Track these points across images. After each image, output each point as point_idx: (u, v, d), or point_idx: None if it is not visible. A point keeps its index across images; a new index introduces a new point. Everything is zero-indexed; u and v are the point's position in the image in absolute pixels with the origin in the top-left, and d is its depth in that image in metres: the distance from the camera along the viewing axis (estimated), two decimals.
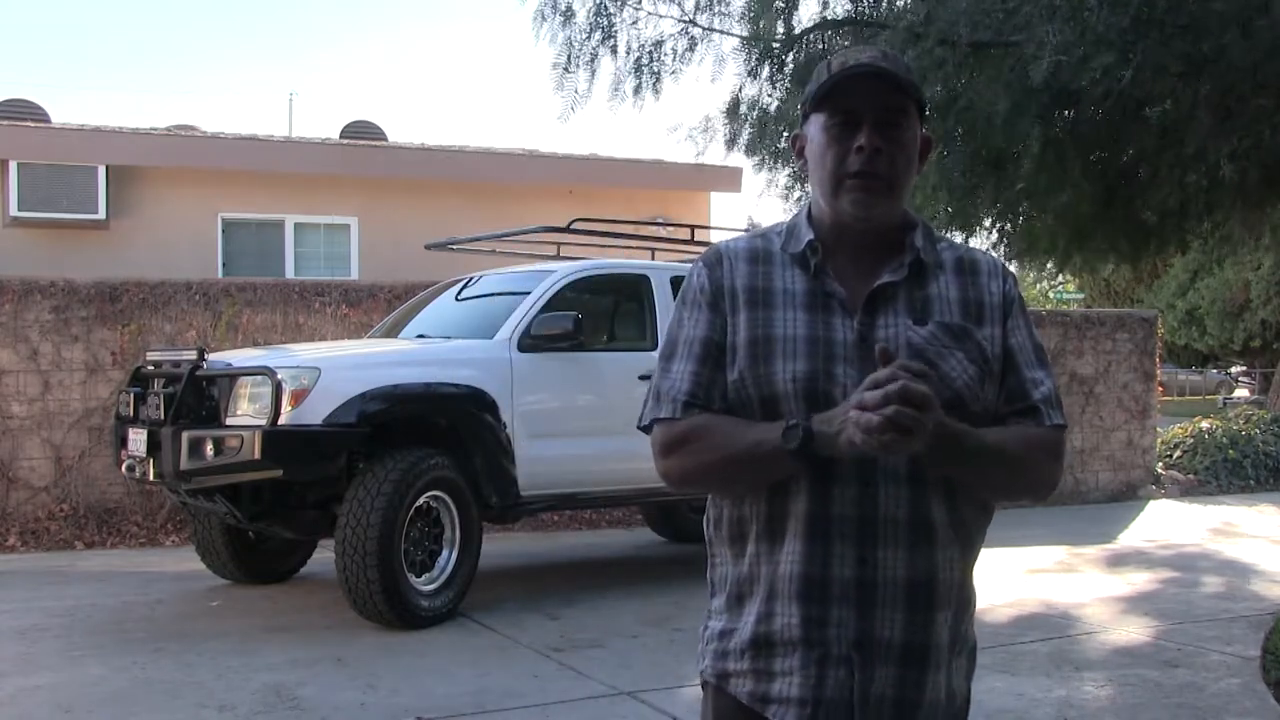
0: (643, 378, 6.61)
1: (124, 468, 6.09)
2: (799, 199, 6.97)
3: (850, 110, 1.63)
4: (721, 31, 6.44)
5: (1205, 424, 13.46)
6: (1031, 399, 1.68)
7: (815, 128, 1.68)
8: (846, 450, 1.51)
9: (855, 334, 1.63)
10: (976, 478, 1.62)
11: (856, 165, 1.62)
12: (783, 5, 6.07)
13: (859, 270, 1.67)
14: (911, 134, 1.66)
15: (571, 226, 7.30)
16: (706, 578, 1.77)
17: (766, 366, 1.63)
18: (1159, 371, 12.82)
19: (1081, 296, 29.22)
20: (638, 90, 6.44)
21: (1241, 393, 33.76)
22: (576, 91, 6.38)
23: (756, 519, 1.65)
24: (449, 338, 6.57)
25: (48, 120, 12.25)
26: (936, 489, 1.62)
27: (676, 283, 7.00)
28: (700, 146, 6.81)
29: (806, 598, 1.60)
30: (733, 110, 6.63)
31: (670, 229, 9.29)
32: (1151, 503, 11.62)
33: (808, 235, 1.69)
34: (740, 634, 1.67)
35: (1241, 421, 13.48)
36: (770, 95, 6.47)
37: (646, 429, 1.71)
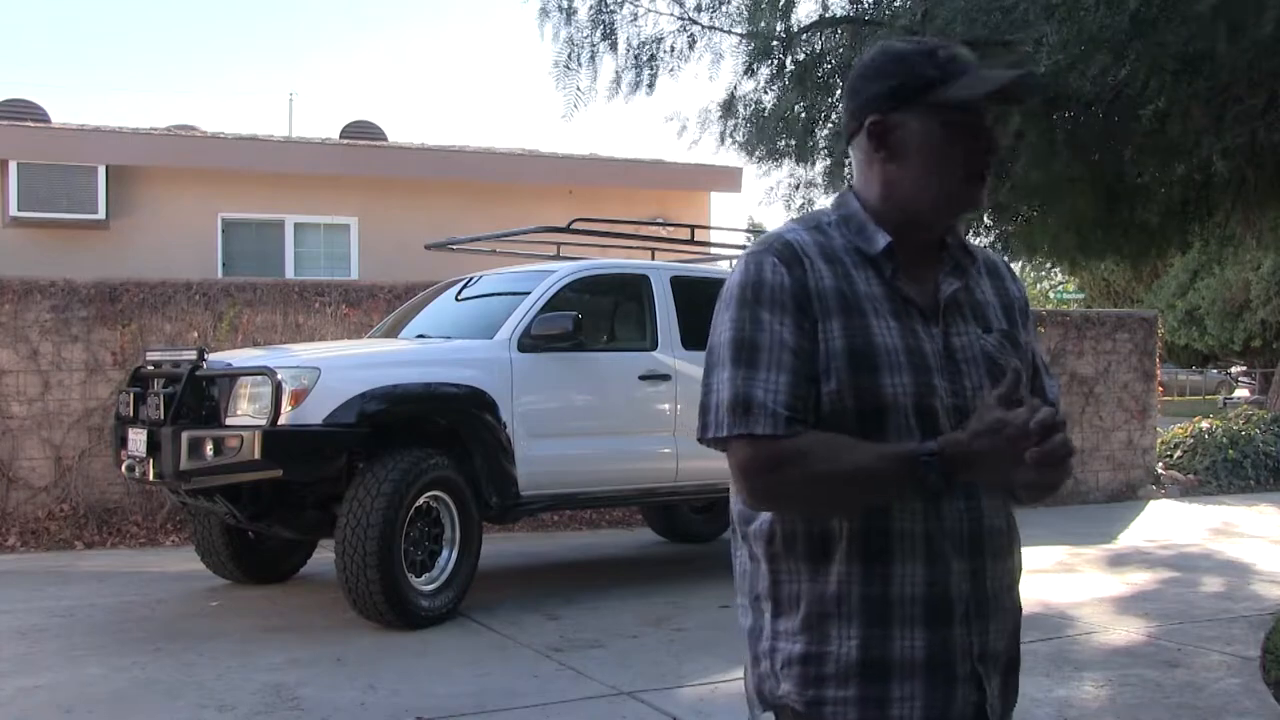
0: (643, 378, 6.61)
1: (124, 468, 6.09)
2: (795, 188, 6.97)
3: (983, 111, 1.61)
4: (722, 30, 6.45)
5: (1205, 424, 13.45)
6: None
7: (930, 121, 1.57)
8: (990, 479, 1.51)
9: (941, 343, 1.59)
10: (1031, 484, 1.57)
11: (986, 165, 1.60)
12: (782, 4, 6.07)
13: (918, 273, 1.62)
14: None
15: (571, 226, 7.30)
16: (765, 594, 1.63)
17: (872, 378, 1.53)
18: (1159, 371, 12.82)
19: (1081, 296, 29.21)
20: (635, 86, 6.45)
21: (1241, 393, 33.72)
22: (579, 89, 6.40)
23: (847, 536, 1.55)
24: (449, 338, 6.56)
25: (48, 120, 12.24)
26: (1006, 497, 1.62)
27: (676, 282, 6.99)
28: (695, 136, 6.83)
29: (931, 619, 1.55)
30: (728, 105, 6.65)
31: (670, 229, 9.29)
32: (1151, 503, 11.62)
33: (883, 238, 1.59)
34: (842, 658, 1.55)
35: (1241, 421, 13.47)
36: (768, 93, 6.48)
37: (720, 441, 1.54)
